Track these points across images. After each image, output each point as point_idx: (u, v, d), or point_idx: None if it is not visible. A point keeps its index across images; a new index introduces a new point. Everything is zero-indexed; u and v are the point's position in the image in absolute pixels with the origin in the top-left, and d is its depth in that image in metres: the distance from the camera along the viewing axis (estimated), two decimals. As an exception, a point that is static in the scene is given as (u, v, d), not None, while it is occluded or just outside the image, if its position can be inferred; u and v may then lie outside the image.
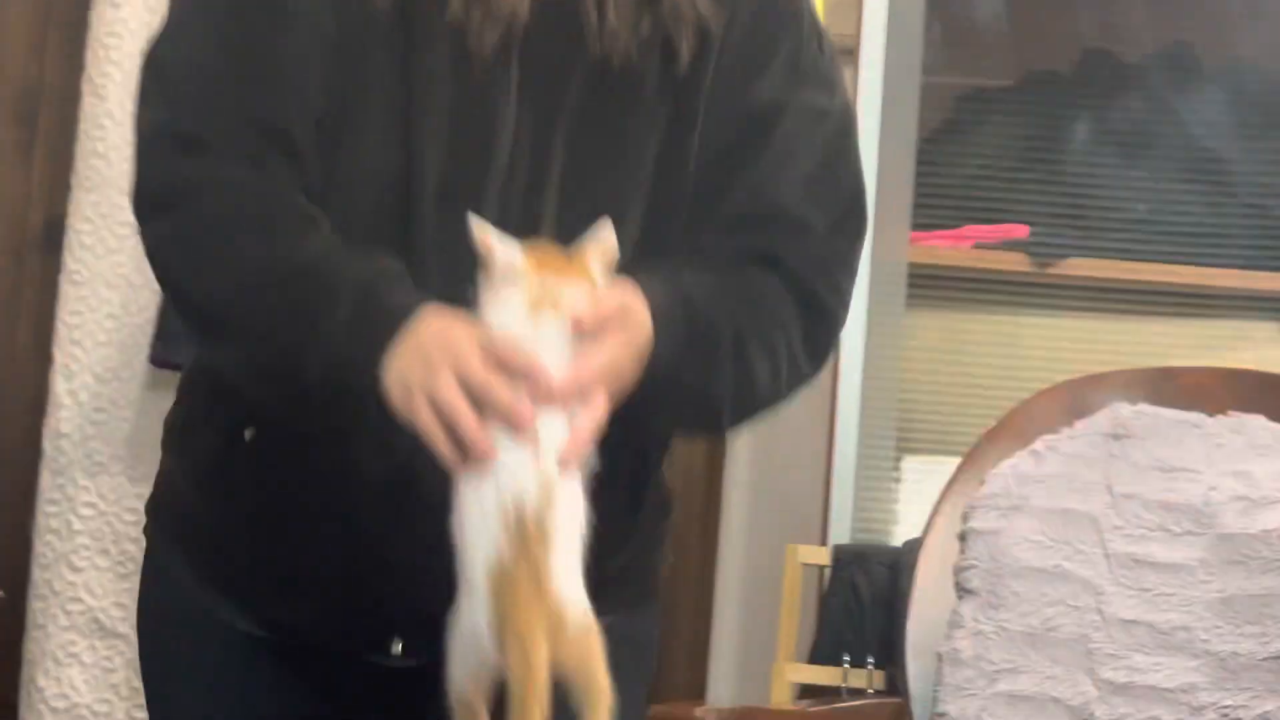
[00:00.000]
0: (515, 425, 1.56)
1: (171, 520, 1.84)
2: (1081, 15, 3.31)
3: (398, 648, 1.72)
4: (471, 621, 1.52)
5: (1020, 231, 3.10)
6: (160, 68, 1.76)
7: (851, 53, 2.98)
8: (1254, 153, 3.14)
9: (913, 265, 3.05)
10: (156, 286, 2.86)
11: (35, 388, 3.13)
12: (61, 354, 3.08)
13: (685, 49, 1.79)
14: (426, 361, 1.61)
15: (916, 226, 3.05)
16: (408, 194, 1.73)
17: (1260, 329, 3.08)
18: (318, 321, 1.66)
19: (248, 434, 1.77)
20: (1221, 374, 2.32)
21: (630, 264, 1.74)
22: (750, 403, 1.80)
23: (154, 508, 1.89)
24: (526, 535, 1.52)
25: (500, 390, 1.57)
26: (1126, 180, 3.13)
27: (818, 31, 1.89)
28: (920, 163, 3.06)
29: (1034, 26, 3.33)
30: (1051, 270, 3.08)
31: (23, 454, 3.11)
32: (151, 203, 1.75)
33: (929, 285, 3.12)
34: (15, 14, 3.22)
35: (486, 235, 1.60)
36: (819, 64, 1.87)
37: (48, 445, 3.06)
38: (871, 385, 3.00)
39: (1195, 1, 3.29)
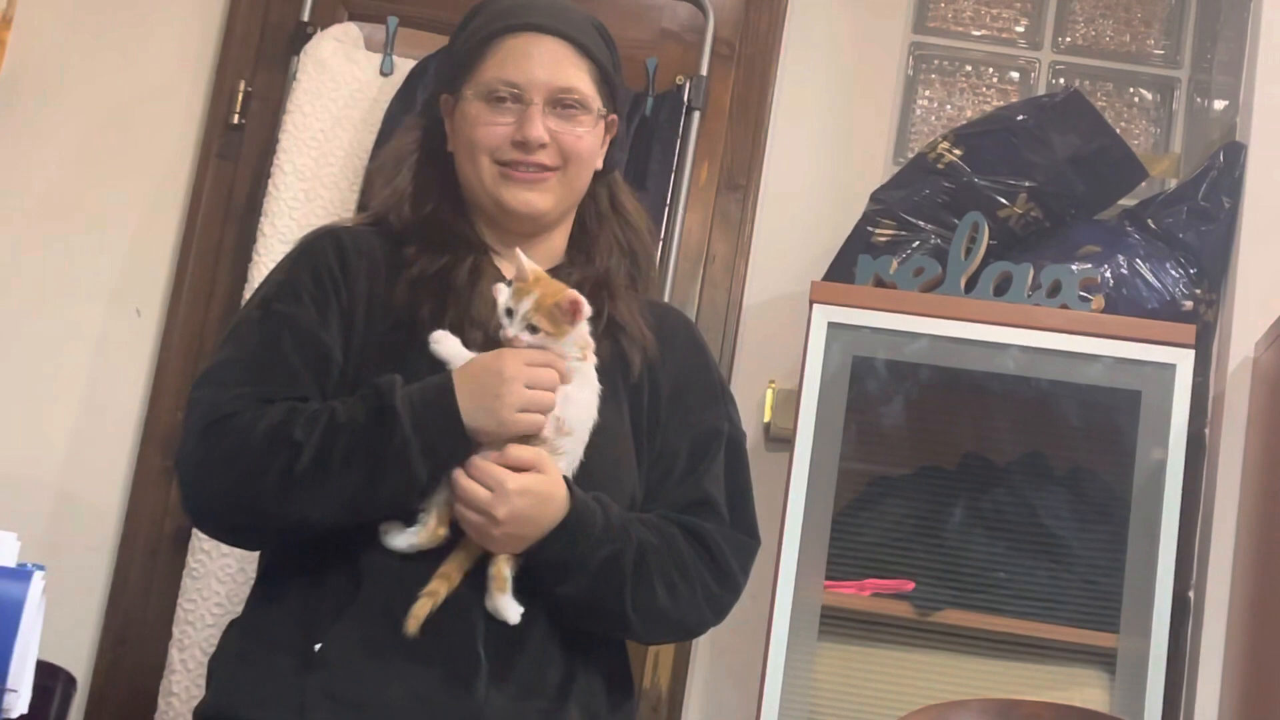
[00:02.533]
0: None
1: None
2: (962, 426, 3.35)
3: None
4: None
5: (908, 586, 3.19)
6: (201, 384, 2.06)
7: (789, 443, 3.17)
8: (1086, 537, 3.22)
9: (825, 607, 3.12)
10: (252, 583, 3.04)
11: (157, 655, 3.32)
12: (178, 630, 3.29)
13: (637, 362, 2.19)
14: (501, 385, 1.97)
15: (829, 577, 3.14)
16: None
17: (1086, 674, 3.12)
18: (392, 433, 1.94)
19: (317, 648, 1.96)
20: (1054, 707, 2.33)
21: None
22: (650, 609, 2.07)
23: None
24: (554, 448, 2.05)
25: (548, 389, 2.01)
26: (991, 552, 3.22)
27: (716, 364, 2.34)
28: (834, 529, 3.14)
29: (926, 432, 3.35)
30: (930, 618, 3.17)
31: (141, 708, 3.31)
32: (203, 428, 2.00)
33: (836, 623, 3.17)
34: (172, 373, 3.42)
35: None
36: (728, 392, 2.28)
37: (161, 701, 3.26)
38: (788, 695, 3.09)
39: (1048, 422, 3.26)
